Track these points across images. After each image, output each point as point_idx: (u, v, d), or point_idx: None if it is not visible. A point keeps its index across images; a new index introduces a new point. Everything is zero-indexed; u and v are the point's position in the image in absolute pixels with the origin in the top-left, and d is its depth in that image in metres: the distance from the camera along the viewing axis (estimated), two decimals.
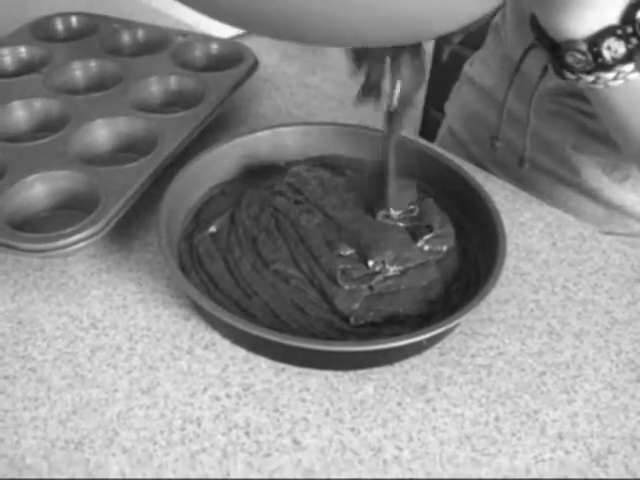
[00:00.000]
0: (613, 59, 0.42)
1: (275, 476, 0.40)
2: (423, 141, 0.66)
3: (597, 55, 0.42)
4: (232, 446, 0.42)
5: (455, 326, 0.48)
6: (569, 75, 0.44)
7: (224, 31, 0.58)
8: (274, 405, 0.44)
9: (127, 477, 0.40)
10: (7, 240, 0.48)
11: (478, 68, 0.77)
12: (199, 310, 0.49)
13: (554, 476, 0.41)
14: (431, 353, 0.48)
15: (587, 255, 0.57)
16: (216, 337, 0.48)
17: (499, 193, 0.63)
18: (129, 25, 0.78)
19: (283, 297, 0.49)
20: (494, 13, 0.43)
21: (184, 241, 0.53)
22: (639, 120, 0.46)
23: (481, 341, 0.49)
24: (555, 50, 0.44)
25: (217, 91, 0.66)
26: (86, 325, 0.49)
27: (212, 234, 0.53)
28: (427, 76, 0.49)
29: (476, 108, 0.77)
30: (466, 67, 0.81)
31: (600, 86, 0.44)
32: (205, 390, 0.45)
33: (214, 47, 0.75)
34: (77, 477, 0.40)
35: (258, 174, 0.60)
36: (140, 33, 0.78)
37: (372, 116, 0.70)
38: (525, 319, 0.51)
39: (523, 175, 0.66)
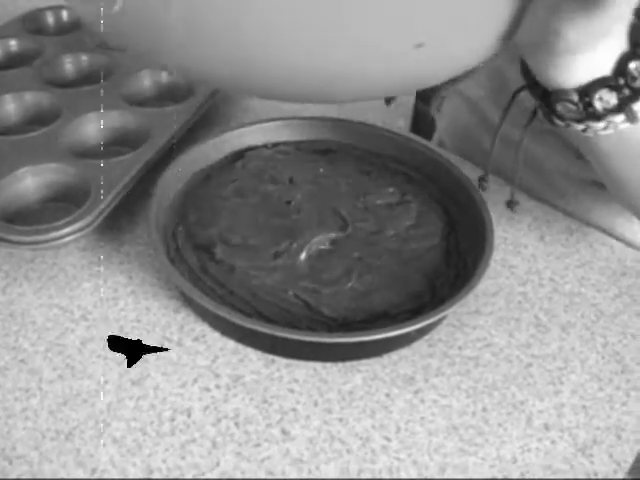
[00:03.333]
0: (604, 109, 0.40)
1: (264, 466, 0.41)
2: (413, 136, 0.66)
3: (588, 105, 0.40)
4: (222, 436, 0.42)
5: (443, 318, 0.48)
6: (558, 122, 0.43)
7: None
8: (263, 396, 0.44)
9: (117, 467, 0.40)
10: None
11: (466, 80, 0.76)
12: (189, 302, 0.49)
13: (540, 466, 0.42)
14: (419, 345, 0.48)
15: (574, 248, 0.57)
16: (206, 329, 0.48)
17: (488, 186, 0.63)
18: None
19: (264, 299, 0.48)
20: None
21: (170, 231, 0.53)
22: (627, 167, 0.45)
23: (469, 333, 0.49)
24: (545, 98, 0.42)
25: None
26: (77, 317, 0.49)
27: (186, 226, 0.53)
28: None
29: (465, 121, 0.75)
30: None
31: (590, 134, 0.42)
32: (195, 381, 0.45)
33: None
34: (68, 467, 0.40)
35: None
36: None
37: (362, 109, 0.70)
38: (512, 311, 0.51)
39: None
